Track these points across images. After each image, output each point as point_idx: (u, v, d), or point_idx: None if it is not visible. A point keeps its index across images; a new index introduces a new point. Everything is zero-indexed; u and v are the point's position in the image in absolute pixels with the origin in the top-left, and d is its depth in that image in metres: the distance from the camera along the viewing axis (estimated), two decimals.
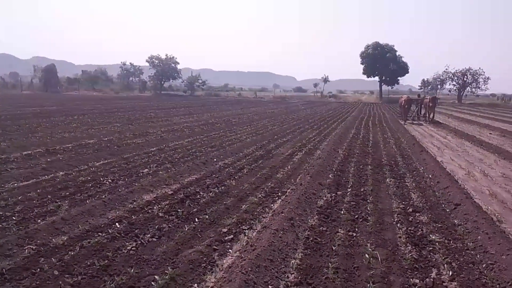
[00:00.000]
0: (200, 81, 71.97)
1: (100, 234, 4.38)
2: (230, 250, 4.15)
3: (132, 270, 3.57)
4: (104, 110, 23.44)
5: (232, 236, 4.54)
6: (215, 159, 8.86)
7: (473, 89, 64.82)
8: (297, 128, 16.74)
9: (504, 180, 7.81)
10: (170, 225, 4.78)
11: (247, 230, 4.66)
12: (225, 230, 4.70)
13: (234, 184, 6.79)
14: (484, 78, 62.67)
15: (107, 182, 6.57)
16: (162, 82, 68.51)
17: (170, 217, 5.07)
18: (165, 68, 66.44)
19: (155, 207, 5.35)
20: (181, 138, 12.29)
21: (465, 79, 63.01)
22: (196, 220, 4.98)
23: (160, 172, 7.37)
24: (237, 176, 7.34)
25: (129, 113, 21.92)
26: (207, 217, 5.08)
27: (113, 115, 19.89)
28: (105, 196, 5.71)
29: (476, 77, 62.95)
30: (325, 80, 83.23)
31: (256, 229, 4.68)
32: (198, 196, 5.98)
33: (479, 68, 63.05)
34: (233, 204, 5.72)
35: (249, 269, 3.40)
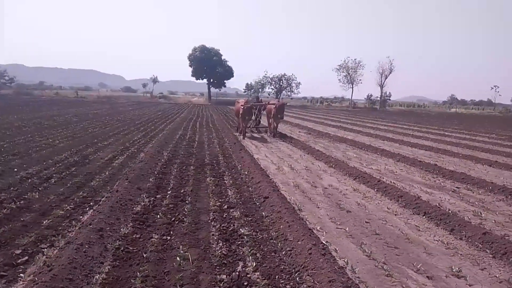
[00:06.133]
0: (7, 78, 62.00)
1: None
2: (22, 275, 3.56)
3: None
4: None
5: (27, 257, 3.91)
6: (15, 169, 7.60)
7: (288, 93, 73.34)
8: (121, 130, 15.89)
9: (306, 172, 8.94)
10: None
11: (46, 249, 4.09)
12: (18, 251, 4.03)
13: (37, 196, 5.91)
14: (296, 83, 71.68)
15: None
16: None
17: None
18: None
19: None
20: None
21: (281, 83, 70.78)
22: None
23: None
24: (42, 187, 6.42)
25: None
26: None
27: None
28: None
29: (290, 82, 71.46)
30: (154, 80, 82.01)
31: (58, 246, 4.15)
32: None
33: (292, 74, 71.83)
34: (33, 220, 4.96)
35: None
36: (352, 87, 69.91)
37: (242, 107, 15.09)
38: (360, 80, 69.54)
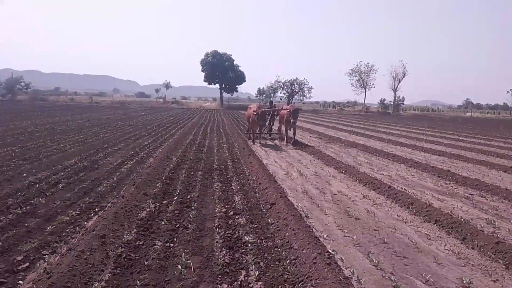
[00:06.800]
0: (23, 84, 63.24)
1: None
2: (21, 282, 3.54)
3: None
4: None
5: (28, 264, 3.90)
6: (25, 174, 7.67)
7: (300, 97, 73.05)
8: (132, 135, 15.98)
9: (315, 178, 8.82)
10: None
11: (48, 255, 4.07)
12: (20, 258, 4.02)
13: (43, 202, 5.93)
14: (308, 87, 71.38)
15: None
16: None
17: None
18: None
19: None
20: None
21: (293, 88, 70.59)
22: None
23: None
24: (49, 193, 6.45)
25: None
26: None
27: None
28: None
29: (302, 86, 71.21)
30: (167, 85, 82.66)
31: (60, 253, 4.12)
32: None
33: (304, 78, 71.50)
34: (37, 225, 4.97)
35: None
36: (365, 92, 69.38)
37: (254, 112, 14.22)
38: (373, 84, 68.95)
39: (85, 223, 5.16)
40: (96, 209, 5.78)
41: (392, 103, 70.54)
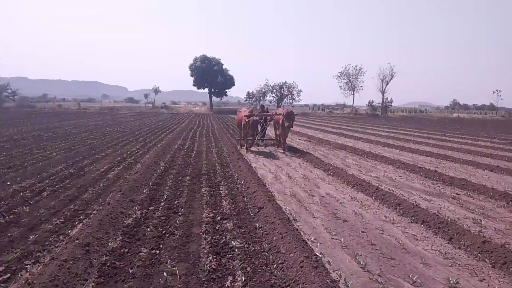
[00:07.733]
0: (9, 91, 62.43)
1: None
2: None
3: None
4: None
5: (9, 274, 3.80)
6: (9, 182, 7.53)
7: (290, 100, 73.27)
8: (120, 141, 15.82)
9: (304, 180, 8.81)
10: None
11: (30, 265, 3.98)
12: (1, 268, 3.93)
13: (27, 210, 5.82)
14: (297, 90, 71.68)
15: None
16: None
17: None
18: None
19: None
20: None
21: (282, 91, 70.81)
22: None
23: None
24: (33, 201, 6.34)
25: None
26: None
27: None
28: None
29: (291, 90, 71.46)
30: (156, 90, 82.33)
31: (43, 263, 4.03)
32: None
33: (293, 82, 71.77)
34: (20, 235, 4.87)
35: None
36: (354, 94, 69.94)
37: (247, 120, 12.97)
38: (361, 86, 69.64)
39: (69, 231, 5.06)
40: (81, 216, 5.68)
41: (380, 105, 71.17)
